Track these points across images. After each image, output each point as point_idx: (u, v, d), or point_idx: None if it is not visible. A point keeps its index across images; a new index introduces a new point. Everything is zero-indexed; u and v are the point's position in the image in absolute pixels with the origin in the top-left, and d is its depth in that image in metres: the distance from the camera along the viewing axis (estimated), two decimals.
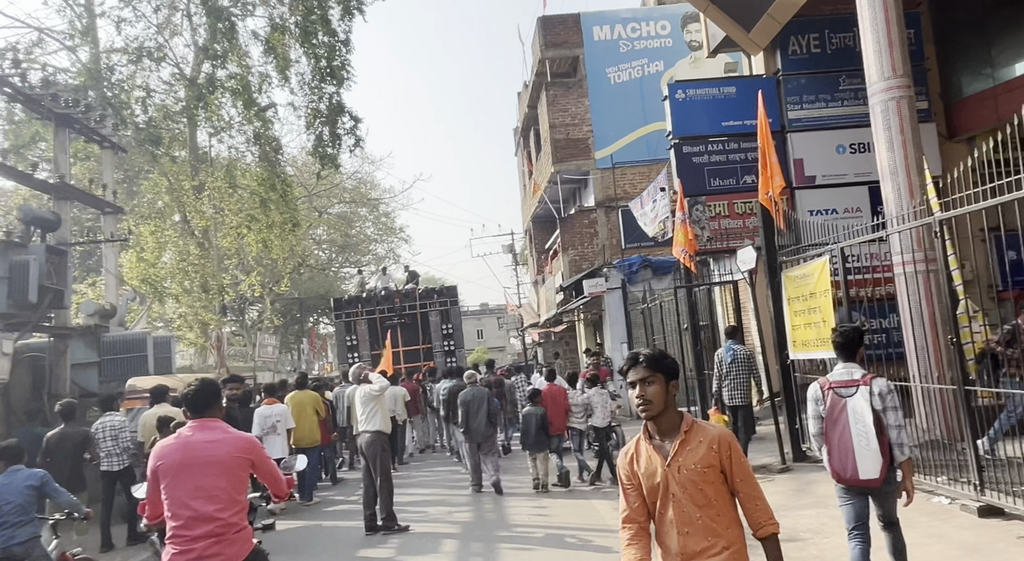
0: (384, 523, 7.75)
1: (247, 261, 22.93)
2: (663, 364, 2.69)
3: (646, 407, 2.65)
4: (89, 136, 13.04)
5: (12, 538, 4.87)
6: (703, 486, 2.63)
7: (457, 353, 20.37)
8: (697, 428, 2.70)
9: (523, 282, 35.29)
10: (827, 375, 4.62)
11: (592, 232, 21.50)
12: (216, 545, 3.46)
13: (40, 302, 10.37)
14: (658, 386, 2.64)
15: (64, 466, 7.44)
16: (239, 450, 3.64)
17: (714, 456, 2.63)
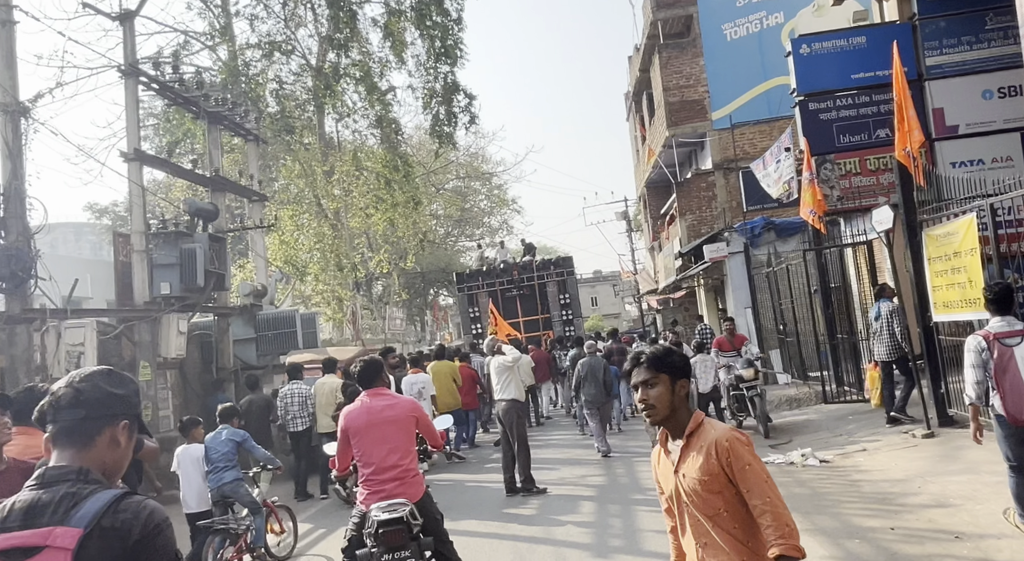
0: (524, 485, 8.22)
1: (375, 240, 24.16)
2: (668, 363, 2.45)
3: (650, 412, 2.44)
4: (236, 131, 14.20)
5: (221, 479, 5.99)
6: (708, 496, 2.35)
7: (575, 322, 20.63)
8: (701, 432, 2.42)
9: (637, 248, 35.01)
10: (986, 328, 4.83)
11: (710, 195, 21.02)
12: (400, 486, 4.27)
13: (206, 285, 11.55)
14: (663, 388, 2.42)
15: (252, 427, 8.49)
16: (409, 411, 4.52)
17: (714, 463, 2.33)
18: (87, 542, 1.53)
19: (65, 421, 1.70)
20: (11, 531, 1.56)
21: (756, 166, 15.26)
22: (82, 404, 1.70)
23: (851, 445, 8.60)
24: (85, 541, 1.53)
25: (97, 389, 1.74)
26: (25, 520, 1.57)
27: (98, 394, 1.74)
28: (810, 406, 11.80)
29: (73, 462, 1.67)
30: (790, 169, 13.07)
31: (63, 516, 1.56)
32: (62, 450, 1.69)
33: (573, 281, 21.33)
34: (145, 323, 10.50)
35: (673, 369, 2.46)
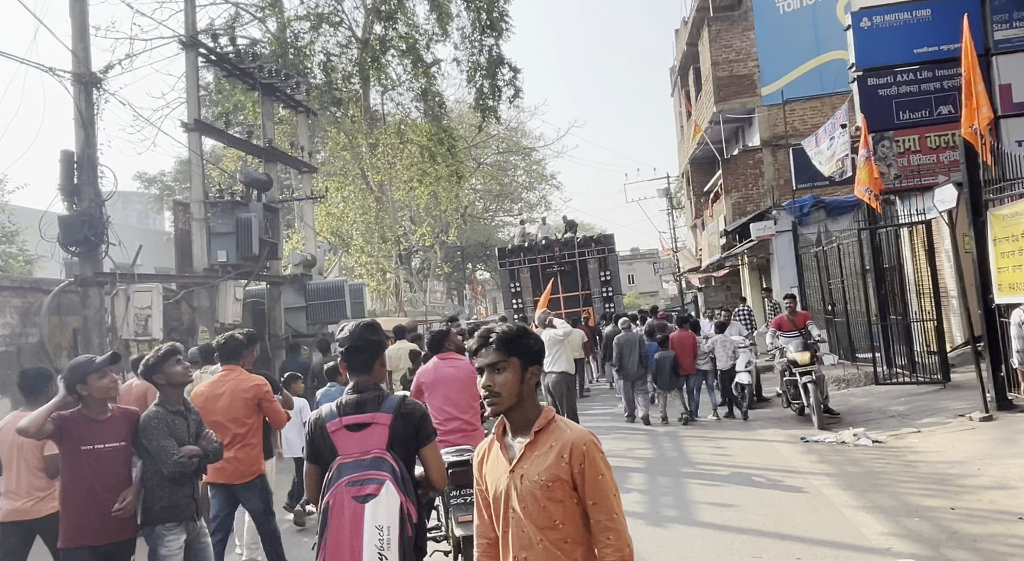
0: None
1: (418, 213, 24.36)
2: (521, 345, 2.17)
3: (493, 400, 2.15)
4: (287, 102, 14.38)
5: None
6: (547, 503, 2.07)
7: (615, 299, 20.63)
8: (552, 429, 2.14)
9: (678, 226, 34.66)
10: None
11: (757, 173, 20.68)
12: (463, 437, 4.81)
13: (260, 254, 11.81)
14: (511, 374, 2.14)
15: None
16: (470, 372, 4.97)
17: (564, 467, 2.06)
18: (395, 421, 2.74)
19: (356, 358, 2.86)
20: (350, 414, 2.76)
21: (808, 143, 14.98)
22: (361, 349, 2.86)
23: (904, 427, 8.53)
24: (394, 420, 2.74)
25: (366, 338, 2.87)
26: (356, 409, 2.77)
27: (368, 341, 2.88)
28: (859, 387, 11.69)
29: (368, 380, 2.86)
30: (845, 146, 12.81)
31: (377, 406, 2.77)
32: (359, 374, 2.87)
33: (614, 258, 21.29)
34: (203, 289, 10.80)
35: (526, 353, 2.17)
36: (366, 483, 2.62)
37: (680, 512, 6.25)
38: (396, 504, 2.61)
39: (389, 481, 2.62)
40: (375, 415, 2.75)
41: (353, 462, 2.66)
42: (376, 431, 2.72)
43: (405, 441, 2.76)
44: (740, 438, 9.31)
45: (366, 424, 2.73)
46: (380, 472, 2.63)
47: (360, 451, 2.69)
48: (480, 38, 20.90)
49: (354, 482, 2.62)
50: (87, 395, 3.53)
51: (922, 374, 10.69)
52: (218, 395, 4.61)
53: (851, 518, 5.55)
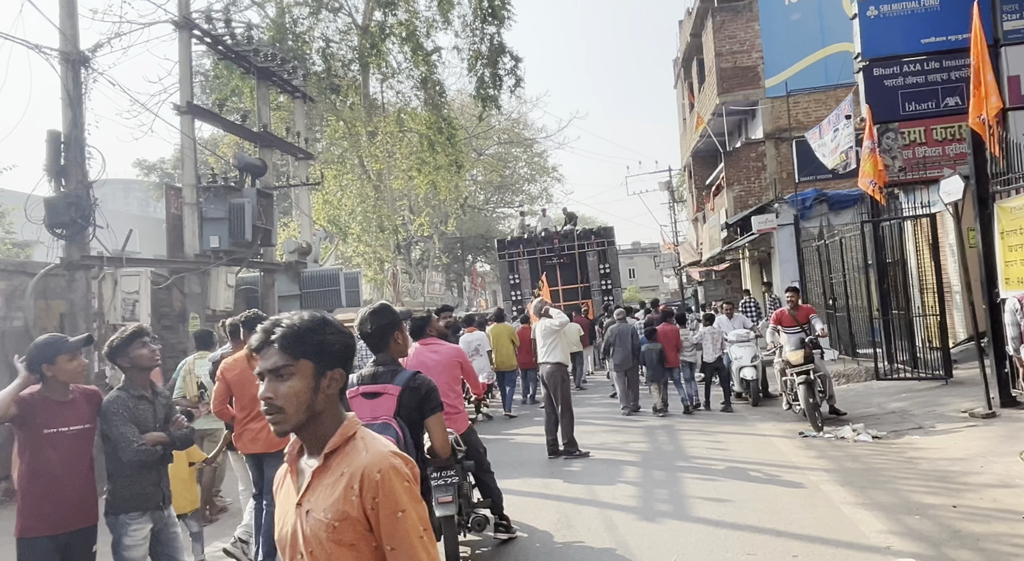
0: (566, 448, 8.20)
1: (417, 203, 24.15)
2: (313, 344, 1.66)
3: (276, 417, 1.64)
4: (284, 87, 14.18)
5: None
6: (334, 549, 1.60)
7: (614, 292, 20.74)
8: (346, 452, 1.66)
9: (680, 220, 34.44)
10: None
11: (759, 166, 20.48)
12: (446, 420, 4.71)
13: (253, 240, 11.64)
14: (299, 382, 1.64)
15: None
16: (452, 356, 5.26)
17: (354, 502, 1.59)
18: (403, 393, 3.19)
19: (370, 340, 3.38)
20: (366, 384, 3.26)
21: (811, 135, 14.77)
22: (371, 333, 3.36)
23: (905, 423, 8.37)
24: (402, 392, 3.19)
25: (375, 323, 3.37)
26: (372, 380, 3.28)
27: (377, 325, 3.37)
28: (859, 382, 11.52)
29: (385, 356, 3.36)
30: (849, 138, 12.60)
31: (390, 379, 3.25)
32: (377, 351, 3.39)
33: (613, 251, 21.41)
34: (195, 275, 10.63)
35: (321, 354, 1.67)
36: None
37: (674, 507, 6.09)
38: None
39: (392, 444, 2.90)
40: (386, 386, 3.23)
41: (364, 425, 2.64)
42: (386, 400, 3.17)
43: (412, 411, 3.21)
44: (737, 432, 9.15)
45: (379, 393, 3.19)
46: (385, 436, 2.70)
47: (371, 416, 3.09)
48: (481, 26, 20.68)
49: None
50: (52, 376, 3.36)
51: (924, 370, 10.51)
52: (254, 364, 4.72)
53: (850, 515, 5.39)
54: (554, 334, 8.48)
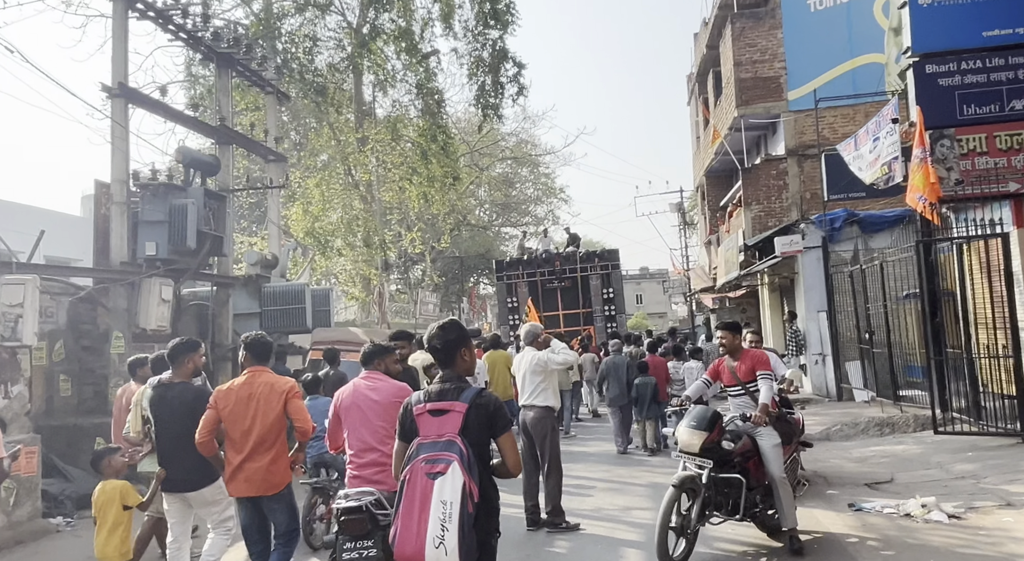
0: (550, 518, 6.43)
1: (409, 217, 22.58)
2: None
3: None
4: (251, 79, 12.66)
5: (322, 448, 5.77)
6: None
7: (618, 318, 19.64)
8: None
9: (691, 245, 32.76)
10: None
11: (780, 184, 18.80)
12: (380, 473, 4.06)
13: (199, 248, 10.01)
14: None
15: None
16: (392, 395, 4.25)
17: None
18: (469, 411, 3.07)
19: (438, 355, 3.25)
20: (433, 401, 3.13)
21: (845, 147, 13.09)
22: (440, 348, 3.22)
23: (984, 495, 6.55)
24: (468, 410, 3.07)
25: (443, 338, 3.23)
26: (439, 397, 3.14)
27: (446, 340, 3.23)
28: (907, 434, 9.70)
29: (452, 372, 3.22)
30: (893, 147, 10.90)
31: (456, 396, 3.12)
32: (443, 367, 3.24)
33: (618, 275, 20.40)
34: (121, 287, 8.99)
35: None
36: (438, 462, 2.92)
37: None
38: (460, 483, 2.88)
39: (456, 462, 2.91)
40: (453, 403, 3.07)
41: (430, 443, 3.00)
42: (452, 417, 3.04)
43: (479, 429, 3.05)
44: None
45: (445, 411, 3.06)
46: (450, 453, 2.93)
47: (437, 434, 3.02)
48: (483, 30, 19.28)
49: (429, 460, 2.94)
50: None
51: (990, 422, 8.69)
52: (248, 396, 4.46)
53: None
54: (547, 373, 6.76)
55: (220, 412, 4.44)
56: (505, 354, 11.10)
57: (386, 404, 4.19)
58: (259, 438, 4.39)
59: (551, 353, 6.76)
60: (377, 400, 4.22)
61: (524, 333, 7.22)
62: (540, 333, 7.11)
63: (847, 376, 13.87)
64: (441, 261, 32.12)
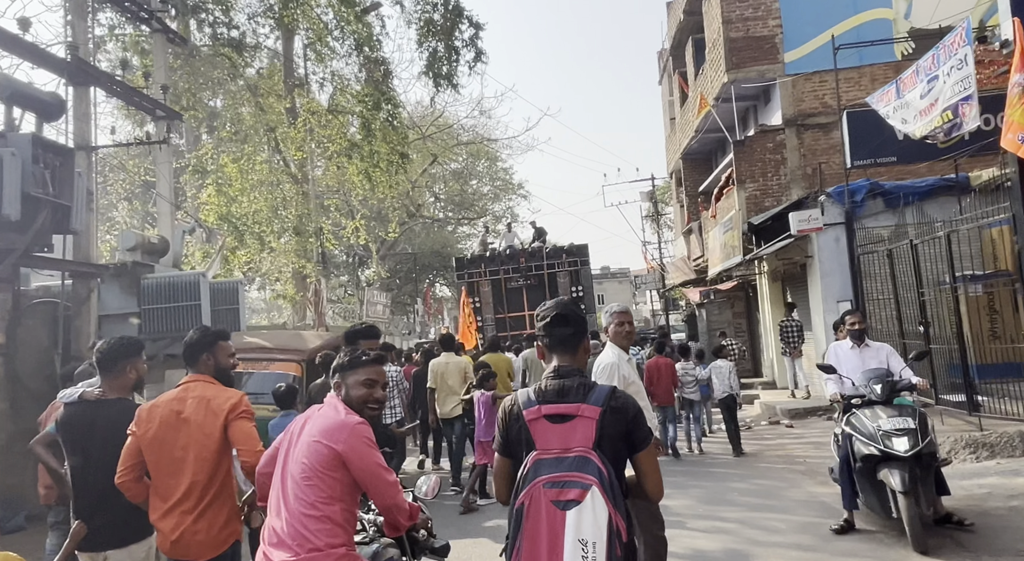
0: None
1: (351, 203, 19.65)
2: None
3: None
4: (129, 11, 9.65)
5: None
6: None
7: (588, 318, 17.23)
8: None
9: (665, 239, 30.47)
10: None
11: (778, 159, 16.46)
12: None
13: (28, 220, 7.00)
14: None
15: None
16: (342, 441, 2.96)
17: None
18: (604, 416, 2.30)
19: (562, 330, 2.48)
20: (551, 402, 2.35)
21: (879, 98, 10.69)
22: (569, 320, 2.48)
23: None
24: (603, 415, 2.30)
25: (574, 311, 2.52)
26: (558, 396, 2.36)
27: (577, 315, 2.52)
28: (1011, 457, 7.23)
29: (571, 363, 2.45)
30: (963, 84, 8.49)
31: (584, 397, 2.34)
32: (563, 353, 2.47)
33: (587, 272, 18.81)
34: None
35: None
36: (568, 486, 2.19)
37: None
38: (604, 516, 2.16)
39: (596, 487, 2.18)
40: (580, 406, 2.31)
41: (554, 459, 2.24)
42: (582, 425, 2.29)
43: (614, 441, 2.31)
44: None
45: (570, 416, 2.30)
46: (585, 475, 2.20)
47: (561, 447, 2.27)
48: None
49: (554, 483, 2.21)
50: None
51: None
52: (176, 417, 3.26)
53: None
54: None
55: (139, 439, 3.30)
56: (506, 358, 10.05)
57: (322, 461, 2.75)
58: (192, 477, 3.23)
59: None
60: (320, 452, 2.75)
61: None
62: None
63: None
64: (392, 258, 29.15)
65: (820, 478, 7.62)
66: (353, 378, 2.95)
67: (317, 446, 2.73)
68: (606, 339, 4.47)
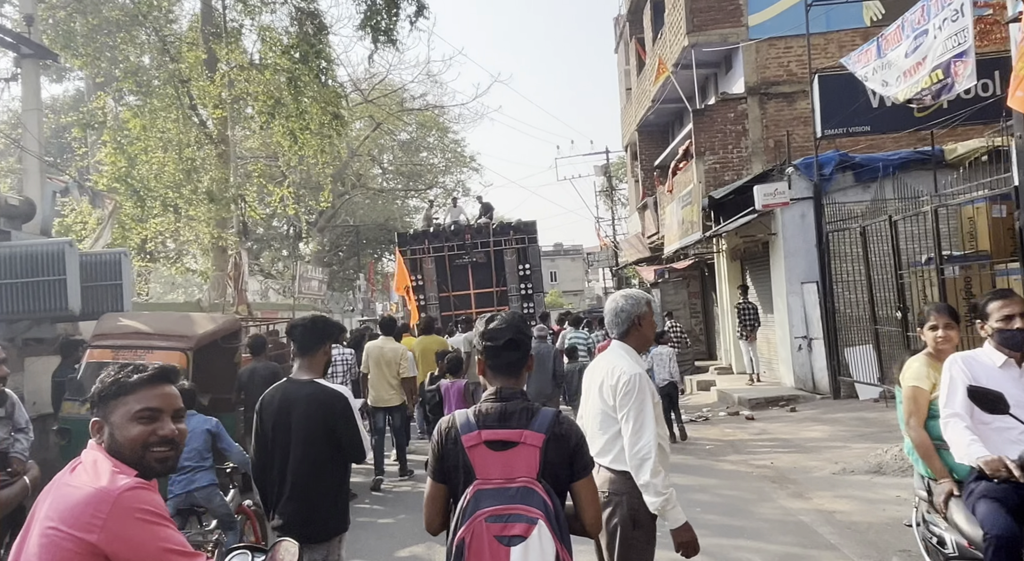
0: None
1: (282, 171, 18.00)
2: None
3: None
4: None
5: (192, 482, 4.63)
6: None
7: (535, 298, 17.75)
8: None
9: (620, 216, 29.52)
10: None
11: (739, 130, 15.46)
12: None
13: None
14: None
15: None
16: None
17: None
18: (547, 443, 2.12)
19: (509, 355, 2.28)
20: (492, 428, 2.17)
21: (856, 59, 9.68)
22: (519, 345, 2.28)
23: None
24: (547, 442, 2.12)
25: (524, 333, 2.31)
26: (500, 421, 2.18)
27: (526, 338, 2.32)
28: None
29: (515, 385, 2.28)
30: (957, 39, 7.48)
31: (527, 422, 2.16)
32: (505, 377, 2.28)
33: (535, 250, 18.34)
34: None
35: None
36: (513, 520, 2.04)
37: None
38: (551, 551, 2.03)
39: (542, 521, 2.04)
40: (524, 432, 2.14)
41: (496, 490, 2.08)
42: (525, 453, 2.12)
43: (556, 470, 2.14)
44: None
45: (512, 443, 2.13)
46: (530, 508, 2.05)
47: (503, 476, 2.10)
48: None
49: (497, 517, 2.05)
50: None
51: None
52: None
53: None
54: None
55: None
56: (440, 341, 9.70)
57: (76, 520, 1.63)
58: None
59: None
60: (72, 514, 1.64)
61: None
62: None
63: (847, 367, 10.65)
64: (333, 231, 27.49)
65: (790, 487, 6.65)
66: (122, 411, 1.79)
67: (54, 537, 1.63)
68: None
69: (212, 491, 4.70)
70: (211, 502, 4.69)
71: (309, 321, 3.32)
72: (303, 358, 3.27)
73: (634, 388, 2.81)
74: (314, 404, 3.16)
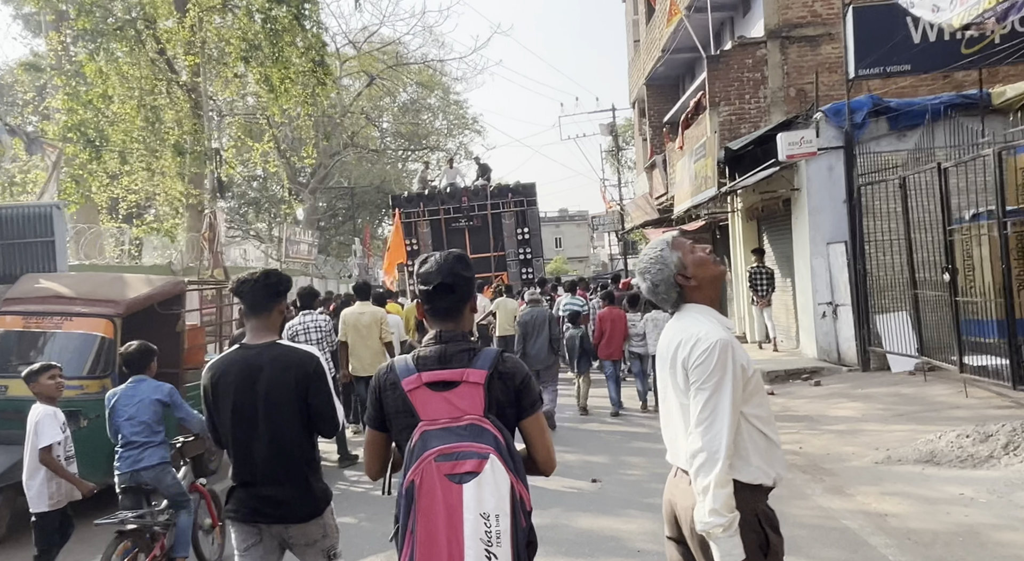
0: None
1: (261, 125, 16.80)
2: None
3: None
4: None
5: (139, 461, 4.19)
6: None
7: (534, 263, 17.43)
8: None
9: (627, 181, 28.18)
10: None
11: (758, 78, 14.14)
12: None
13: None
14: None
15: None
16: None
17: None
18: (490, 381, 2.06)
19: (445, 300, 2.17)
20: (431, 369, 2.09)
21: None
22: (453, 288, 2.16)
23: None
24: (490, 379, 2.06)
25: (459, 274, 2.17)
26: (440, 362, 2.10)
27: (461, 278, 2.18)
28: None
29: (455, 328, 2.18)
30: None
31: (468, 362, 2.09)
32: (445, 321, 2.18)
33: (535, 213, 17.91)
34: None
35: None
36: (463, 457, 1.95)
37: None
38: (506, 486, 1.95)
39: (494, 455, 1.96)
40: (465, 371, 2.07)
41: (442, 429, 2.00)
42: (468, 391, 2.06)
43: (503, 408, 2.10)
44: None
45: (454, 382, 2.07)
46: (481, 444, 1.97)
47: (449, 416, 2.03)
48: None
49: (446, 455, 1.96)
50: None
51: None
52: None
53: None
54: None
55: None
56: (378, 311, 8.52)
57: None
58: None
59: None
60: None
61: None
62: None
63: (878, 336, 9.56)
64: (326, 193, 26.34)
65: (827, 479, 5.62)
66: None
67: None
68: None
69: (162, 470, 4.30)
70: (161, 482, 4.29)
71: (260, 275, 2.95)
72: (256, 319, 2.87)
73: (712, 357, 2.13)
74: (283, 367, 2.74)
